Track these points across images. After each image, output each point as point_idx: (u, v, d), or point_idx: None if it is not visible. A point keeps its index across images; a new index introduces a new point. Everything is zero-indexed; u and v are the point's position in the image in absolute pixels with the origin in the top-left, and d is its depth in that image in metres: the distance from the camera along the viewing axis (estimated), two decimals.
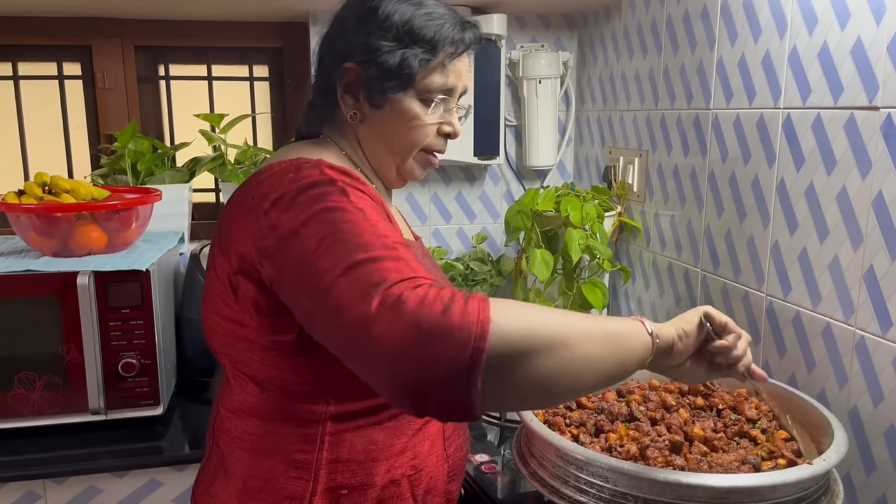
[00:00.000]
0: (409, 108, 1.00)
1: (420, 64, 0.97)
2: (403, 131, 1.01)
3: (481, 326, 0.67)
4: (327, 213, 0.81)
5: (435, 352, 0.66)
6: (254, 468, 0.95)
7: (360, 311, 0.70)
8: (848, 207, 1.13)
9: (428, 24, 0.97)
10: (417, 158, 1.05)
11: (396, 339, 0.67)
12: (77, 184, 1.59)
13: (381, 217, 0.84)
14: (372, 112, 1.01)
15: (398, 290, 0.70)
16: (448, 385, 0.67)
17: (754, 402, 1.14)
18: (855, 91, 1.11)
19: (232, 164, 1.93)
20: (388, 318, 0.68)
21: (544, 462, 0.97)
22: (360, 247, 0.76)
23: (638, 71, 1.78)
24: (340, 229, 0.79)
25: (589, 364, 0.74)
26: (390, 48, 0.96)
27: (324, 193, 0.84)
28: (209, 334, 1.00)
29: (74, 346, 1.47)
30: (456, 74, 1.01)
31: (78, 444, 1.47)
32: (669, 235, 1.66)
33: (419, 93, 0.99)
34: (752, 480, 0.84)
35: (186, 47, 2.08)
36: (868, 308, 1.10)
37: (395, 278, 0.72)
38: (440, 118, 1.02)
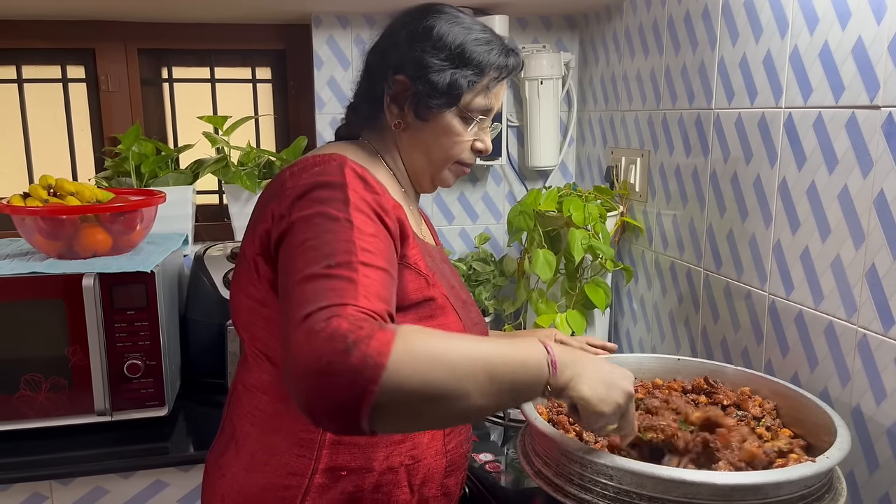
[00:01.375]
0: (450, 125, 1.06)
1: (468, 85, 1.03)
2: (443, 145, 1.07)
3: (374, 372, 0.71)
4: (320, 218, 0.87)
5: (329, 384, 0.72)
6: (261, 443, 1.01)
7: (293, 320, 0.77)
8: (850, 206, 1.14)
9: (478, 48, 1.04)
10: (452, 169, 1.11)
11: (303, 362, 0.73)
12: (82, 186, 1.60)
13: (370, 233, 0.88)
14: (415, 123, 1.06)
15: (319, 318, 0.75)
16: (338, 415, 0.73)
17: (758, 400, 1.15)
18: (856, 90, 1.12)
19: (235, 166, 1.94)
20: (304, 340, 0.74)
21: (548, 460, 0.97)
22: (325, 257, 0.82)
23: (639, 71, 1.78)
24: (321, 236, 0.85)
25: (480, 412, 0.79)
26: (441, 67, 1.02)
27: (329, 198, 0.89)
28: (233, 311, 1.06)
29: (80, 348, 1.48)
30: (495, 97, 1.09)
31: (84, 445, 1.47)
32: (672, 235, 1.66)
33: (461, 111, 1.05)
34: (756, 478, 0.84)
35: (189, 50, 2.09)
36: (870, 306, 1.10)
37: (325, 302, 0.77)
38: (475, 135, 1.09)
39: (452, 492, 1.10)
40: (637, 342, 1.87)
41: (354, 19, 1.99)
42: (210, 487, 1.08)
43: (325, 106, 2.02)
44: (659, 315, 1.74)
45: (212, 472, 1.09)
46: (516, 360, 0.80)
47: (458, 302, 1.08)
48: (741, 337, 1.42)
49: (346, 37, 1.99)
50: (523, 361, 0.81)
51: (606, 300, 1.73)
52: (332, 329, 0.73)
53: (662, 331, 1.73)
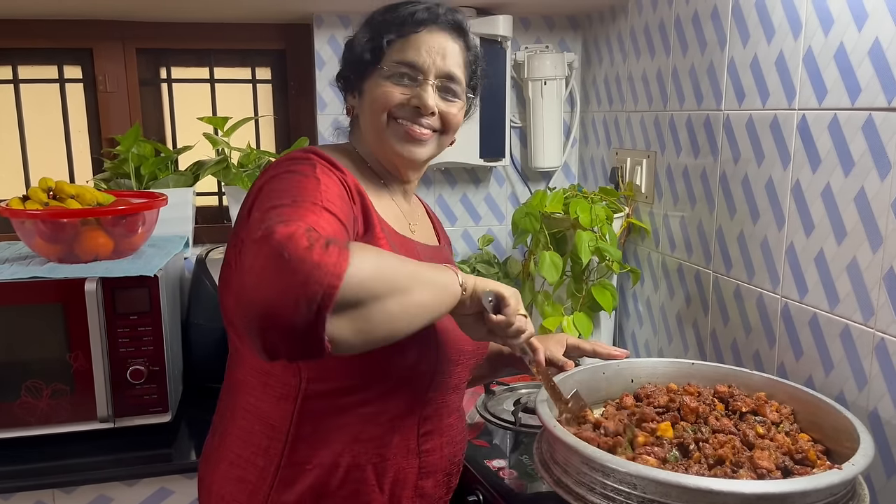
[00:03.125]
0: (377, 85, 1.07)
1: (387, 43, 1.06)
2: (373, 100, 1.08)
3: (338, 267, 0.74)
4: (287, 174, 0.92)
5: (291, 280, 0.72)
6: (239, 437, 1.05)
7: (247, 239, 0.78)
8: (866, 209, 1.13)
9: (384, 14, 1.09)
10: (392, 130, 1.08)
11: (257, 265, 0.74)
12: (82, 189, 1.57)
13: (334, 192, 0.92)
14: (358, 103, 1.11)
15: (275, 224, 0.76)
16: (295, 315, 0.72)
17: (775, 405, 1.14)
18: (873, 92, 1.11)
19: (236, 167, 1.91)
20: (258, 246, 0.75)
21: (569, 469, 0.95)
22: (290, 196, 0.86)
23: (645, 72, 1.77)
24: (287, 185, 0.89)
25: (422, 308, 0.87)
26: (362, 40, 1.09)
27: (293, 162, 0.96)
28: (223, 312, 1.07)
29: (82, 354, 1.45)
30: (426, 51, 1.07)
31: (86, 452, 1.45)
32: (679, 237, 1.65)
33: (387, 72, 1.07)
34: (783, 487, 0.83)
35: (188, 50, 2.07)
36: (888, 310, 1.10)
37: (288, 218, 0.79)
38: (409, 92, 1.07)
39: (431, 494, 1.10)
40: (643, 344, 1.86)
41: (356, 19, 1.91)
42: (202, 479, 1.14)
43: (327, 107, 1.99)
44: (666, 317, 1.73)
45: (204, 464, 1.14)
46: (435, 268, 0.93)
47: None
48: (753, 340, 1.41)
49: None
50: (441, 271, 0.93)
51: (613, 302, 1.72)
52: (291, 231, 0.74)
53: (670, 333, 1.72)
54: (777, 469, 0.94)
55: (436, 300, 0.90)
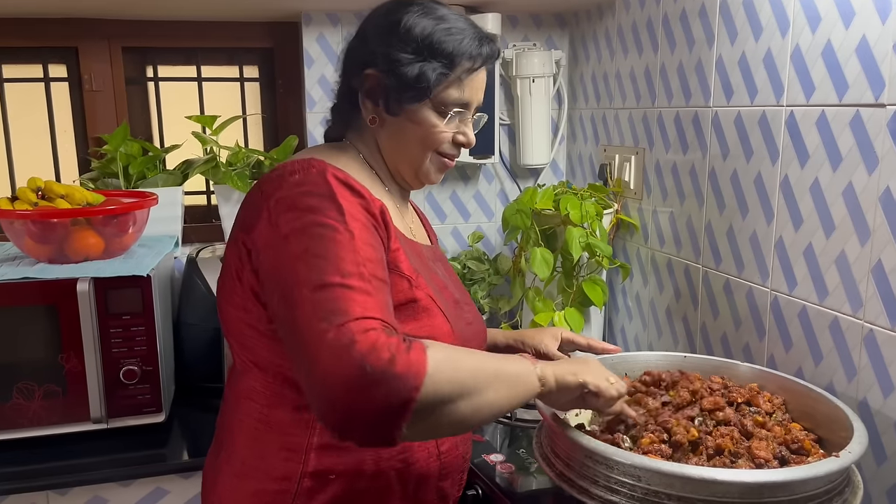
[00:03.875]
0: (424, 119, 1.04)
1: (437, 78, 1.00)
2: (418, 138, 1.05)
3: (417, 380, 0.76)
4: (318, 228, 0.87)
5: (372, 395, 0.75)
6: (250, 448, 1.01)
7: (317, 331, 0.78)
8: (854, 203, 1.15)
9: (447, 38, 1.01)
10: (433, 162, 1.08)
11: (341, 376, 0.75)
12: (71, 188, 1.56)
13: (368, 241, 0.89)
14: (390, 118, 1.05)
15: (354, 329, 0.77)
16: (376, 425, 0.77)
17: (767, 396, 1.16)
18: (860, 89, 1.13)
19: (225, 166, 1.90)
20: (339, 354, 0.76)
21: (571, 462, 0.97)
22: (337, 270, 0.83)
23: (633, 69, 1.79)
24: (325, 246, 0.86)
25: (494, 406, 0.86)
26: (409, 60, 1.00)
27: (321, 207, 0.89)
28: (222, 322, 1.05)
29: (74, 355, 1.44)
30: (472, 89, 1.05)
31: (80, 453, 1.44)
32: (668, 232, 1.67)
33: (435, 105, 1.03)
34: (784, 475, 0.85)
35: (175, 48, 2.05)
36: (877, 301, 1.12)
37: (358, 313, 0.79)
38: (455, 128, 1.06)
39: (449, 494, 1.10)
40: (633, 339, 1.88)
41: (345, 17, 1.97)
42: (206, 494, 1.09)
43: (316, 105, 1.99)
44: (655, 312, 1.76)
45: (207, 478, 1.10)
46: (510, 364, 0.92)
47: (448, 302, 1.07)
48: (742, 333, 1.44)
49: (337, 34, 1.97)
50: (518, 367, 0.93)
51: (604, 297, 1.74)
52: (370, 341, 0.76)
53: (659, 327, 1.74)
54: (774, 458, 0.96)
55: (509, 397, 0.89)
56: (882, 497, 1.13)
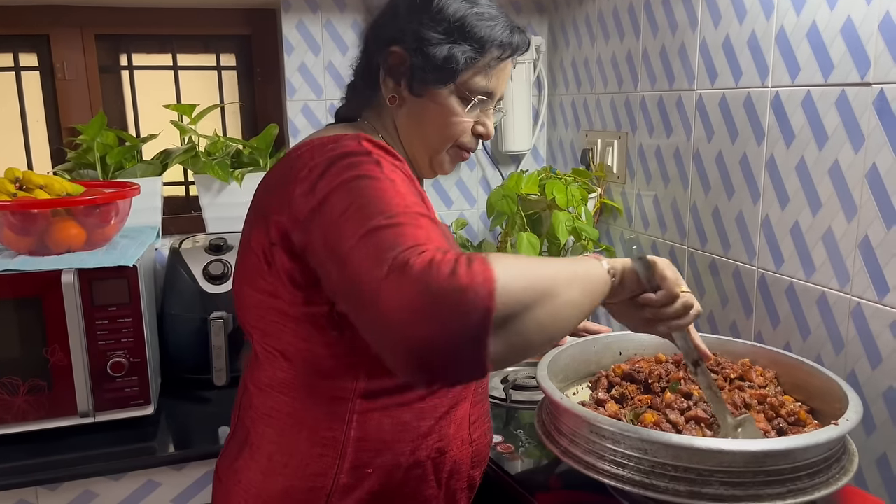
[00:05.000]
0: (447, 103, 1.01)
1: (466, 62, 0.98)
2: (439, 124, 1.02)
3: (488, 286, 0.68)
4: (358, 181, 0.82)
5: (444, 314, 0.68)
6: (280, 444, 0.97)
7: (373, 277, 0.72)
8: (841, 180, 1.18)
9: (479, 23, 0.99)
10: (450, 152, 1.06)
11: (405, 303, 0.68)
12: (51, 179, 1.53)
13: (411, 190, 0.84)
14: (411, 99, 1.02)
15: (406, 255, 0.71)
16: (458, 347, 0.69)
17: (759, 370, 1.19)
18: (846, 68, 1.16)
19: (204, 155, 1.88)
20: (396, 282, 0.69)
21: (576, 438, 0.98)
22: (382, 213, 0.77)
23: (614, 54, 1.80)
24: (367, 195, 0.80)
25: (574, 307, 0.79)
26: (439, 40, 0.97)
27: (358, 162, 0.84)
28: (241, 309, 1.00)
29: (60, 348, 1.41)
30: (498, 79, 1.03)
31: (68, 448, 1.41)
32: (653, 215, 1.70)
33: (459, 90, 1.00)
34: (788, 443, 0.87)
35: (150, 36, 2.01)
36: (864, 276, 1.15)
37: (409, 243, 0.73)
38: (476, 117, 1.04)
39: (475, 483, 1.09)
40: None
41: (324, 3, 1.95)
42: (224, 495, 1.03)
43: (297, 92, 1.97)
44: None
45: (225, 478, 1.03)
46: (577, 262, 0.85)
47: None
48: (729, 311, 1.46)
49: (317, 21, 1.95)
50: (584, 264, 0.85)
51: None
52: (427, 261, 0.69)
53: None
54: (773, 430, 0.99)
55: (585, 295, 0.82)
56: (872, 466, 1.17)
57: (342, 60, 1.98)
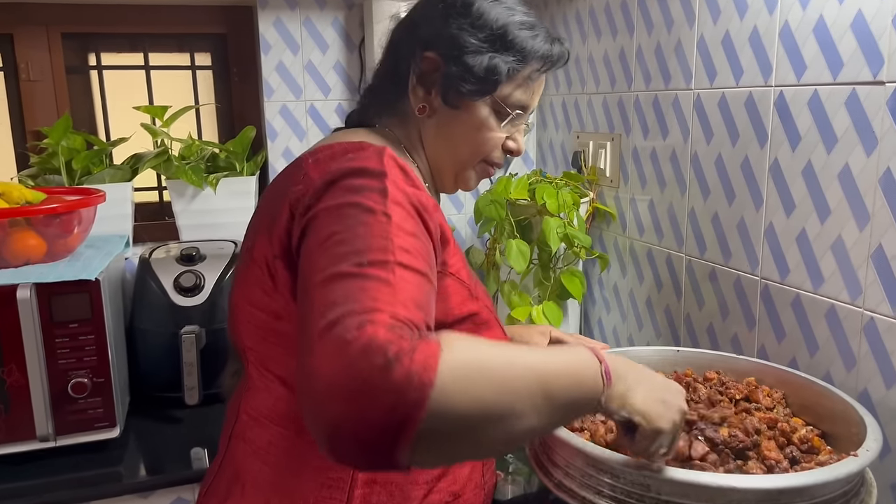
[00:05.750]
0: (482, 116, 0.95)
1: (508, 73, 0.92)
2: (471, 139, 0.96)
3: (420, 393, 0.58)
4: (351, 208, 0.74)
5: (363, 408, 0.58)
6: (279, 485, 0.86)
7: (315, 328, 0.63)
8: (852, 186, 1.10)
9: (522, 32, 0.93)
10: (477, 168, 0.99)
11: (330, 373, 0.59)
12: (8, 186, 1.43)
13: (409, 228, 0.74)
14: (443, 109, 0.95)
15: (350, 323, 0.61)
16: (369, 444, 0.59)
17: (766, 390, 1.11)
18: (857, 66, 1.08)
19: (178, 159, 1.78)
20: (331, 353, 0.60)
21: (570, 471, 0.90)
22: (357, 254, 0.69)
23: (607, 52, 1.72)
24: (352, 229, 0.72)
25: (532, 434, 0.68)
26: (479, 48, 0.91)
27: (362, 187, 0.76)
28: (237, 326, 0.90)
29: (16, 368, 1.32)
30: (535, 93, 0.98)
31: (26, 475, 1.32)
32: (648, 220, 1.62)
33: (496, 103, 0.94)
34: (803, 479, 0.79)
35: (120, 34, 1.92)
36: (878, 288, 1.07)
37: (364, 305, 0.63)
38: (507, 132, 0.97)
39: None
40: (611, 331, 1.82)
41: (303, 0, 1.86)
42: None
43: (275, 93, 1.88)
44: (635, 303, 1.70)
45: None
46: (570, 370, 0.69)
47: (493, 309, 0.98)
48: (731, 323, 1.38)
49: (295, 19, 1.86)
50: (577, 372, 0.70)
51: (582, 290, 1.67)
52: (367, 339, 0.59)
53: (640, 319, 1.68)
54: (785, 459, 0.91)
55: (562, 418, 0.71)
56: (886, 491, 1.09)
57: (322, 59, 1.90)
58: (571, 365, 0.70)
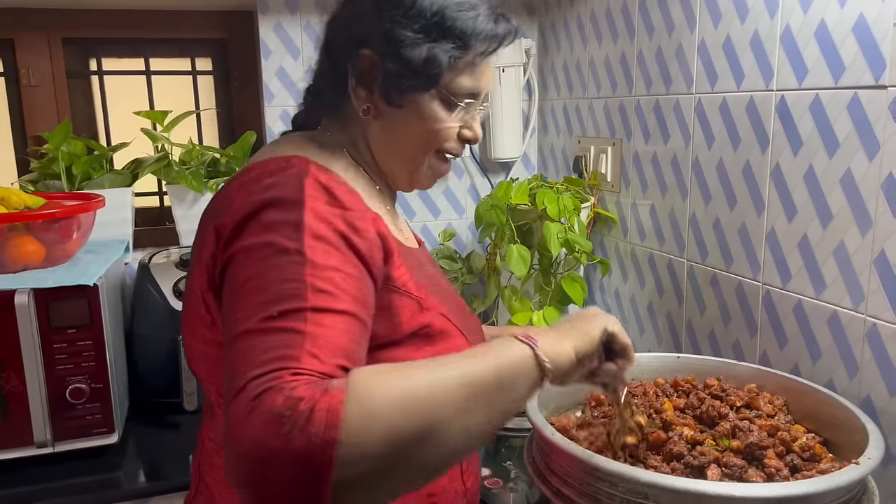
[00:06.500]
0: (430, 110, 0.89)
1: (449, 61, 0.86)
2: (421, 135, 0.90)
3: (325, 454, 0.58)
4: (265, 250, 0.72)
5: (274, 476, 0.58)
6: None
7: (231, 391, 0.63)
8: (854, 191, 1.09)
9: (460, 14, 0.86)
10: (431, 164, 0.94)
11: (239, 447, 0.60)
12: (8, 191, 1.42)
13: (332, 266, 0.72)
14: (387, 110, 0.90)
15: (255, 390, 0.61)
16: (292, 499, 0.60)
17: (767, 397, 1.10)
18: (858, 70, 1.07)
19: (178, 164, 1.78)
20: (240, 419, 0.60)
21: (569, 479, 0.89)
22: (269, 304, 0.67)
23: (608, 57, 1.72)
24: (265, 275, 0.70)
25: (468, 436, 0.67)
26: (415, 40, 0.85)
27: (279, 223, 0.73)
28: (190, 358, 0.88)
29: (14, 374, 1.32)
30: (485, 76, 0.92)
31: (24, 481, 1.32)
32: (649, 226, 1.61)
33: (443, 94, 0.88)
34: (804, 488, 0.78)
35: (121, 39, 1.92)
36: (881, 295, 1.06)
37: (264, 370, 0.62)
38: (461, 121, 0.92)
39: None
40: None
41: (304, 4, 1.85)
42: None
43: (275, 98, 1.88)
44: (637, 308, 1.69)
45: None
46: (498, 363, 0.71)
47: (458, 312, 0.94)
48: (732, 329, 1.37)
49: (296, 23, 1.86)
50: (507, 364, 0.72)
51: (583, 295, 1.66)
52: (267, 408, 0.59)
53: (641, 325, 1.67)
54: (786, 467, 0.90)
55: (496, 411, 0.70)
56: (889, 500, 1.07)
57: None
58: (499, 357, 0.72)
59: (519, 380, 0.73)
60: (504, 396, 0.71)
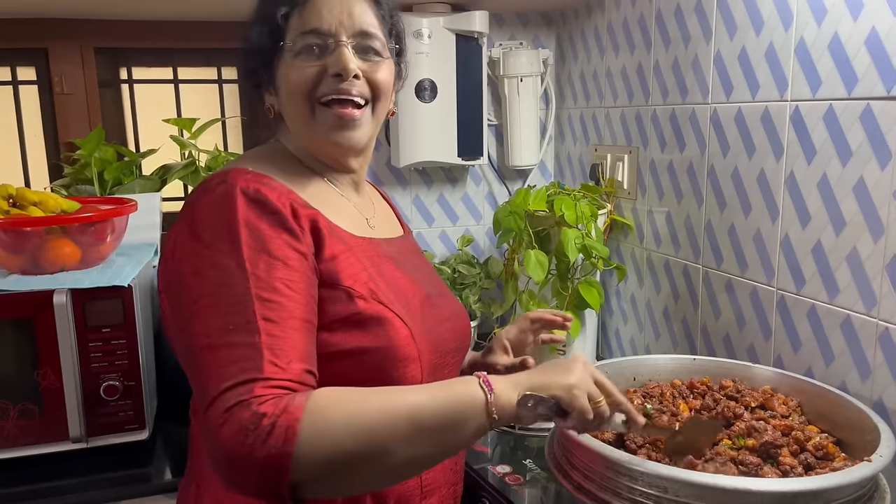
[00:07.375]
0: (288, 67, 0.94)
1: (282, 19, 0.94)
2: (290, 93, 0.95)
3: (282, 462, 0.71)
4: (211, 270, 0.80)
5: (244, 476, 0.73)
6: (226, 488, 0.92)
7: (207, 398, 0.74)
8: (866, 199, 1.13)
9: None
10: (319, 118, 0.95)
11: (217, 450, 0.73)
12: (45, 195, 1.48)
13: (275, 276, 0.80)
14: (276, 98, 0.99)
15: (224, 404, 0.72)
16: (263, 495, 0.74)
17: (782, 398, 1.13)
18: (871, 82, 1.11)
19: (205, 170, 1.83)
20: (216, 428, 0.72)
21: (590, 473, 0.92)
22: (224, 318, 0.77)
23: (624, 67, 1.76)
24: (215, 293, 0.79)
25: (415, 464, 0.79)
26: (257, 25, 0.98)
27: (216, 240, 0.81)
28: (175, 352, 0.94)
29: (51, 371, 1.36)
30: (327, 11, 0.93)
31: (59, 475, 1.36)
32: (665, 232, 1.64)
33: (293, 48, 0.93)
34: (818, 483, 0.81)
35: (150, 49, 1.98)
36: (892, 299, 1.10)
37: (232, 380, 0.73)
38: (326, 62, 0.93)
39: None
40: (628, 342, 1.84)
41: None
42: None
43: None
44: (652, 313, 1.72)
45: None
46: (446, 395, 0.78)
47: (412, 302, 0.96)
48: (747, 334, 1.40)
49: None
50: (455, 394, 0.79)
51: (600, 300, 1.70)
52: (236, 421, 0.71)
53: (657, 329, 1.71)
54: (800, 465, 0.93)
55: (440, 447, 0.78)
56: None
57: None
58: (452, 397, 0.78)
59: (468, 422, 0.78)
60: (448, 437, 0.78)
